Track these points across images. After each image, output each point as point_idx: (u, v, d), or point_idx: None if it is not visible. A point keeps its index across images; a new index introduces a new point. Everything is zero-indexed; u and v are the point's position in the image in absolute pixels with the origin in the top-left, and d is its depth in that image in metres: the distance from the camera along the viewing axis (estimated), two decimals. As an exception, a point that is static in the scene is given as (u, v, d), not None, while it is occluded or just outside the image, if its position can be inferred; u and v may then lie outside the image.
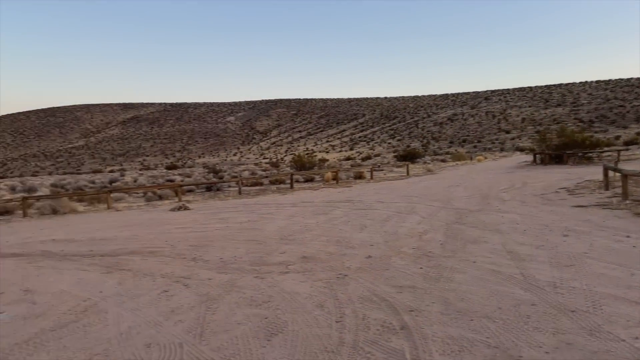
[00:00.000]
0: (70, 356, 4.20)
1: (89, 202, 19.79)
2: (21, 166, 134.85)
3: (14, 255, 9.08)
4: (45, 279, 7.00)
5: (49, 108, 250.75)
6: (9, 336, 4.73)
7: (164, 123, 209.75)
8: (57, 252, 9.30)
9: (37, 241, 10.80)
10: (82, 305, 5.67)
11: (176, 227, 11.90)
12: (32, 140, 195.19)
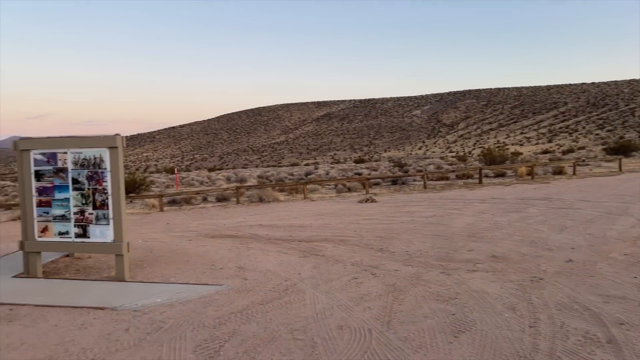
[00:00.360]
0: (275, 328, 4.75)
1: (289, 192, 21.79)
2: (234, 159, 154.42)
3: (230, 237, 10.53)
4: (254, 258, 7.99)
5: (256, 108, 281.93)
6: (227, 305, 5.55)
7: (353, 119, 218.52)
8: (263, 235, 10.50)
9: (247, 225, 12.33)
10: (284, 284, 6.34)
11: (364, 218, 12.40)
12: (243, 136, 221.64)
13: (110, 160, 6.75)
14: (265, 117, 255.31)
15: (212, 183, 33.23)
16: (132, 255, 8.22)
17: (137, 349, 4.39)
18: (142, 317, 5.22)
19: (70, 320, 5.20)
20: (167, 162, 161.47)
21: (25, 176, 7.05)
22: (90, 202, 6.84)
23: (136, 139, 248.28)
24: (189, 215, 15.54)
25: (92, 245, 6.91)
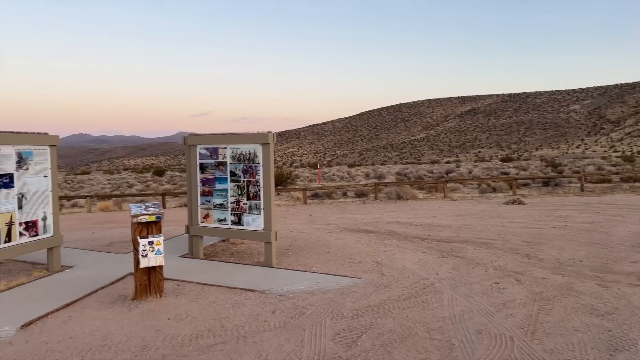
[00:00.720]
0: (411, 326, 4.78)
1: (428, 190, 21.43)
2: (373, 156, 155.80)
3: (368, 232, 10.73)
4: (391, 255, 8.06)
5: (396, 104, 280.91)
6: (364, 298, 5.71)
7: (501, 114, 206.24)
8: (400, 232, 10.52)
9: (385, 222, 12.44)
10: (421, 283, 6.32)
11: (509, 221, 11.73)
12: (382, 133, 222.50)
13: (262, 156, 7.33)
14: (405, 114, 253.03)
15: (352, 179, 33.99)
16: (279, 243, 8.84)
17: (282, 331, 4.74)
18: (287, 302, 5.62)
19: (225, 298, 5.79)
20: (310, 158, 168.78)
21: (192, 168, 7.99)
22: (244, 193, 7.51)
23: (283, 135, 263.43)
24: (329, 209, 16.15)
25: (245, 232, 7.58)
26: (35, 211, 6.92)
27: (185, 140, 8.08)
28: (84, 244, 9.48)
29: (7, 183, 6.46)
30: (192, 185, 8.01)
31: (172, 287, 6.30)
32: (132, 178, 48.79)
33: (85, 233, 11.42)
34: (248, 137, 7.43)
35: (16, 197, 6.60)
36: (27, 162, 6.77)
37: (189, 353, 4.28)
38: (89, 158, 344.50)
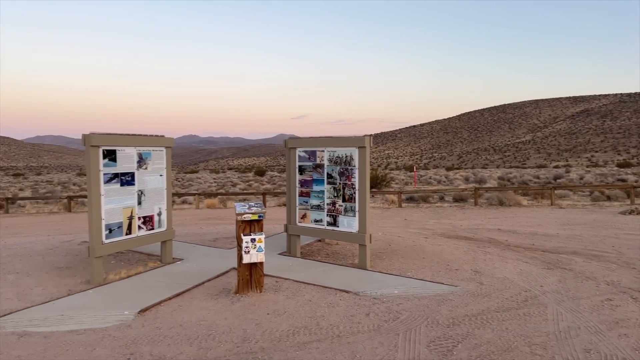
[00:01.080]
0: (511, 339, 4.58)
1: (533, 196, 20.23)
2: (473, 159, 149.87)
3: (466, 239, 10.39)
4: (491, 264, 7.75)
5: (500, 105, 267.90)
6: (461, 307, 5.56)
7: (618, 116, 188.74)
8: (501, 241, 10.06)
9: (485, 228, 11.96)
10: (523, 295, 6.02)
11: (625, 233, 10.74)
12: (484, 135, 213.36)
13: (358, 159, 7.42)
14: (510, 115, 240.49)
15: (450, 182, 33.02)
16: (373, 246, 8.87)
17: (375, 334, 4.78)
18: (381, 305, 5.64)
19: (320, 297, 5.94)
20: (406, 160, 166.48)
21: (291, 170, 8.28)
22: (340, 195, 7.64)
23: (379, 137, 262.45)
24: (425, 213, 15.85)
25: (340, 234, 7.71)
26: (152, 207, 7.58)
27: (286, 143, 8.39)
28: (193, 239, 10.20)
29: (129, 181, 7.15)
30: (291, 186, 8.30)
31: (271, 283, 6.58)
32: (236, 177, 51.38)
33: (193, 228, 12.26)
34: (345, 140, 7.56)
35: (136, 193, 7.28)
36: (146, 162, 7.44)
37: (286, 348, 4.46)
38: (197, 158, 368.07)
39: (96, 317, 5.21)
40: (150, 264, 7.73)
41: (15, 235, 11.94)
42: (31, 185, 41.40)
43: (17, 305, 5.66)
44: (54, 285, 6.51)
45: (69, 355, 4.30)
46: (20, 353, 4.34)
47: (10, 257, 8.24)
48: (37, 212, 19.06)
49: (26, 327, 4.94)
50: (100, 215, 6.69)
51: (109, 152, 6.81)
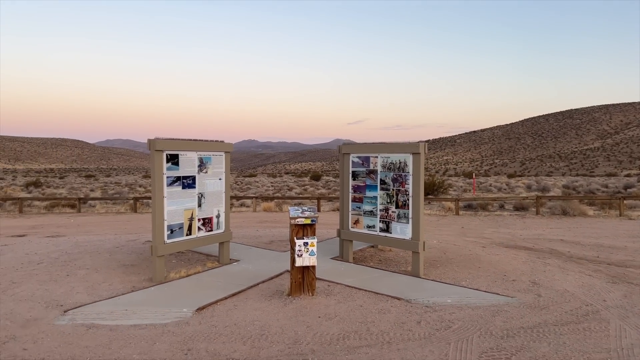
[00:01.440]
0: (568, 353, 4.42)
1: (600, 206, 19.21)
2: (537, 166, 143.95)
3: (526, 249, 10.05)
4: (550, 275, 7.47)
5: (566, 110, 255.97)
6: (516, 319, 5.41)
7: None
8: (564, 252, 9.66)
9: (546, 239, 11.51)
10: (584, 309, 5.77)
11: None
12: (549, 141, 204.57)
13: (412, 165, 7.38)
14: (577, 120, 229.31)
15: (511, 190, 31.92)
16: (427, 254, 8.77)
17: (426, 342, 4.75)
18: (433, 314, 5.58)
19: (372, 303, 5.96)
20: (465, 166, 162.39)
21: (344, 175, 8.36)
22: (393, 201, 7.63)
23: (437, 142, 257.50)
24: (483, 222, 15.44)
25: (392, 240, 7.69)
26: (211, 209, 7.89)
27: (340, 149, 8.48)
28: (249, 241, 10.48)
29: (190, 184, 7.47)
30: (344, 192, 8.37)
31: (323, 287, 6.67)
32: (292, 182, 52.09)
33: (250, 230, 12.59)
34: (399, 146, 7.54)
35: (197, 196, 7.60)
36: (206, 166, 7.76)
37: (336, 351, 4.53)
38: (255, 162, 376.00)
39: (157, 313, 5.49)
40: (209, 264, 8.02)
41: (86, 233, 12.72)
42: (101, 186, 43.84)
43: (86, 299, 6.06)
44: (119, 281, 6.91)
45: (132, 348, 4.57)
46: (88, 343, 4.66)
47: (81, 253, 8.81)
48: (106, 211, 20.18)
49: (94, 320, 5.28)
50: (163, 216, 7.04)
51: (172, 156, 7.16)
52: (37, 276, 7.12)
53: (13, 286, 6.60)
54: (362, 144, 8.25)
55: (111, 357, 4.35)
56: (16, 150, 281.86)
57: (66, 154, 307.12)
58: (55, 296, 6.15)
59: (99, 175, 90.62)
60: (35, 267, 7.68)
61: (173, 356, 4.41)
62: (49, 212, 19.91)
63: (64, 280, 6.89)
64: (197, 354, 4.46)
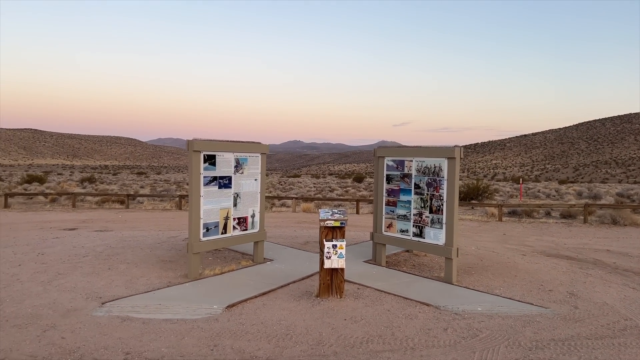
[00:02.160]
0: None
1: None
2: (591, 172, 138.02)
3: (568, 258, 9.70)
4: (590, 287, 7.19)
5: (625, 114, 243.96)
6: (548, 330, 5.26)
7: None
8: (609, 263, 9.26)
9: (592, 249, 11.06)
10: (622, 323, 5.53)
11: None
12: (605, 147, 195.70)
13: (447, 170, 7.28)
14: (636, 125, 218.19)
15: (560, 197, 30.77)
16: (462, 261, 8.63)
17: (450, 350, 4.69)
18: (461, 321, 5.50)
19: (400, 308, 5.94)
20: (515, 171, 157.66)
21: (379, 179, 8.34)
22: (427, 206, 7.55)
23: (486, 146, 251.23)
24: (527, 229, 14.99)
25: (425, 245, 7.61)
26: (246, 209, 8.06)
27: (375, 152, 8.47)
28: (285, 241, 10.62)
29: (226, 184, 7.67)
30: (378, 195, 8.36)
31: (353, 290, 6.69)
32: (334, 183, 52.20)
33: (288, 230, 12.75)
34: (434, 150, 7.46)
35: (232, 196, 7.79)
36: (242, 167, 7.93)
37: (358, 355, 4.55)
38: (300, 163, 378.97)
39: (188, 309, 5.68)
40: (243, 262, 8.20)
41: (132, 229, 13.23)
42: (151, 183, 45.39)
43: (124, 292, 6.34)
44: (156, 276, 7.18)
45: (161, 341, 4.75)
46: (121, 335, 4.88)
47: (124, 248, 9.20)
48: (153, 208, 20.89)
49: (129, 313, 5.52)
50: (199, 214, 7.25)
51: (209, 157, 7.37)
52: (81, 268, 7.50)
53: (59, 277, 6.98)
54: (397, 147, 8.22)
55: (141, 349, 4.54)
56: (74, 147, 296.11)
57: (120, 152, 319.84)
58: (96, 288, 6.46)
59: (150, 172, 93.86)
60: (80, 260, 8.09)
61: (199, 351, 4.55)
62: (100, 207, 20.82)
63: (105, 274, 7.23)
64: (223, 350, 4.59)
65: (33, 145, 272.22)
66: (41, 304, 5.77)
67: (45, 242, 9.91)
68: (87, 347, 4.55)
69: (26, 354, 4.37)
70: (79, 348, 4.53)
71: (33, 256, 8.39)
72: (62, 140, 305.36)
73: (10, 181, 39.38)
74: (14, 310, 5.52)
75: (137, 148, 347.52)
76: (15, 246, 9.42)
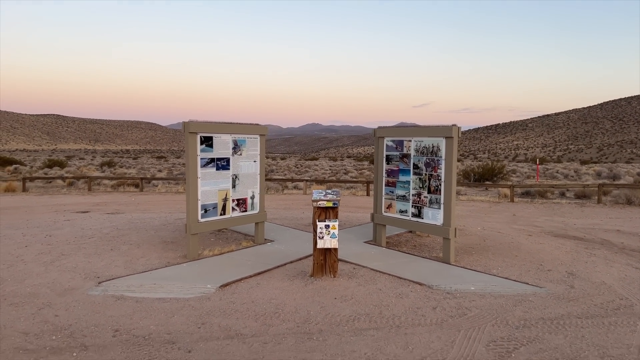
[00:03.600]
0: (583, 347, 4.22)
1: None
2: (616, 152, 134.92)
3: (575, 239, 9.55)
4: (591, 267, 7.09)
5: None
6: (538, 309, 5.21)
7: None
8: (616, 243, 9.10)
9: (602, 229, 10.86)
10: (616, 302, 5.46)
11: None
12: (631, 126, 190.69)
13: (445, 149, 7.20)
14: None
15: (578, 177, 30.20)
16: (465, 241, 8.58)
17: (436, 328, 4.69)
18: (451, 300, 5.49)
19: (392, 287, 5.95)
20: (537, 152, 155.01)
21: (379, 159, 8.29)
22: (426, 186, 7.50)
23: (507, 126, 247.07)
24: (538, 210, 14.78)
25: (423, 226, 7.57)
26: (245, 190, 8.11)
27: (375, 132, 8.41)
28: (289, 222, 10.68)
29: (224, 165, 7.71)
30: (378, 176, 8.32)
31: (349, 269, 6.72)
32: (351, 165, 52.07)
33: (295, 212, 12.81)
34: (432, 130, 7.37)
35: (231, 177, 7.84)
36: (240, 149, 7.96)
37: (342, 332, 4.58)
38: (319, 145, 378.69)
39: (182, 288, 5.78)
40: (244, 243, 8.28)
41: (143, 211, 13.45)
42: (169, 167, 45.93)
43: (122, 272, 6.47)
44: (156, 257, 7.31)
45: (151, 319, 4.85)
46: (113, 313, 5.00)
47: (129, 230, 9.37)
48: (166, 191, 21.16)
49: (124, 292, 5.65)
50: (197, 196, 7.33)
51: (206, 139, 7.41)
52: (84, 250, 7.68)
53: (61, 258, 7.16)
54: (396, 127, 8.14)
55: (130, 327, 4.65)
56: (96, 132, 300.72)
57: (140, 136, 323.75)
58: (95, 268, 6.61)
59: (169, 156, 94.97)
60: (85, 242, 8.27)
61: (187, 329, 4.64)
62: (115, 191, 21.18)
63: (107, 254, 7.38)
64: (210, 327, 4.68)
65: (56, 130, 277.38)
66: (40, 283, 5.94)
67: (56, 225, 10.14)
68: (78, 325, 4.68)
69: (19, 331, 4.52)
70: (71, 325, 4.66)
71: (41, 238, 8.60)
72: (84, 125, 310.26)
73: (32, 166, 40.28)
74: (14, 289, 5.69)
75: (157, 132, 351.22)
76: (26, 228, 9.66)
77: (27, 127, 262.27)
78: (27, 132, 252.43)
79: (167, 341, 4.35)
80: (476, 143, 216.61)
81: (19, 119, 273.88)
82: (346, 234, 9.11)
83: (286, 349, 4.23)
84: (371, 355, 4.11)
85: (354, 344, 4.34)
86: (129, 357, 4.01)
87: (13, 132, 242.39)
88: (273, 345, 4.29)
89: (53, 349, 4.15)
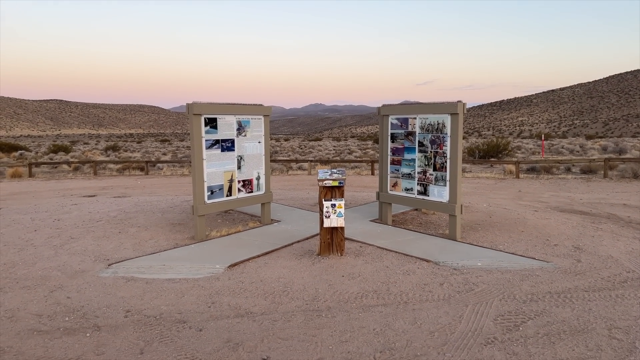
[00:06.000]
0: (590, 320, 4.25)
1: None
2: (622, 126, 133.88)
3: (581, 213, 9.54)
4: (598, 241, 7.10)
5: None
6: (545, 283, 5.24)
7: None
8: (623, 217, 9.09)
9: (608, 203, 10.85)
10: (623, 275, 5.48)
11: None
12: (637, 100, 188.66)
13: (450, 126, 7.16)
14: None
15: (584, 153, 30.03)
16: (471, 217, 8.58)
17: (443, 303, 4.74)
18: (458, 276, 5.53)
19: (399, 264, 5.98)
20: (542, 128, 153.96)
21: (384, 138, 8.26)
22: (431, 164, 7.48)
23: (512, 102, 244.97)
24: (544, 185, 14.75)
25: (429, 203, 7.58)
26: (250, 171, 8.12)
27: (379, 111, 8.36)
28: (295, 202, 10.71)
29: (229, 147, 7.71)
30: (383, 154, 8.30)
31: (355, 248, 6.76)
32: (354, 145, 51.91)
33: (301, 193, 12.84)
34: (437, 107, 7.32)
35: (236, 158, 7.84)
36: (245, 130, 7.95)
37: (351, 309, 4.63)
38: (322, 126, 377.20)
39: (191, 269, 5.84)
40: (251, 223, 8.33)
41: (149, 194, 13.52)
42: (173, 150, 45.96)
43: (131, 254, 6.54)
44: (164, 239, 7.37)
45: (161, 300, 4.92)
46: (124, 294, 5.06)
47: (137, 212, 9.43)
48: (172, 174, 21.23)
49: (134, 274, 5.71)
50: (203, 178, 7.35)
51: (210, 120, 7.40)
52: (93, 233, 7.74)
53: (71, 241, 7.23)
54: (400, 104, 8.09)
55: (141, 307, 4.71)
56: (99, 116, 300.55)
57: (144, 120, 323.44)
58: (105, 251, 6.68)
59: (173, 139, 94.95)
60: (94, 225, 8.34)
61: (197, 308, 4.70)
62: (120, 175, 21.26)
63: (116, 237, 7.45)
64: (220, 306, 4.73)
65: (59, 115, 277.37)
66: (51, 266, 6.01)
67: (63, 209, 10.21)
68: (90, 306, 4.75)
69: (32, 313, 4.59)
70: (83, 307, 4.73)
71: (49, 222, 8.67)
72: (87, 110, 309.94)
73: (38, 151, 40.41)
74: (25, 273, 5.77)
75: (161, 116, 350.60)
76: (35, 213, 9.74)
77: (31, 112, 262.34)
78: (30, 117, 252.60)
79: (178, 320, 4.41)
80: (480, 120, 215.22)
81: (22, 105, 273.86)
82: (352, 212, 9.14)
83: (295, 326, 4.28)
84: (380, 330, 4.16)
85: (362, 320, 4.38)
86: (141, 337, 4.08)
87: (17, 118, 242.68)
88: (282, 323, 4.34)
89: (67, 330, 4.22)
